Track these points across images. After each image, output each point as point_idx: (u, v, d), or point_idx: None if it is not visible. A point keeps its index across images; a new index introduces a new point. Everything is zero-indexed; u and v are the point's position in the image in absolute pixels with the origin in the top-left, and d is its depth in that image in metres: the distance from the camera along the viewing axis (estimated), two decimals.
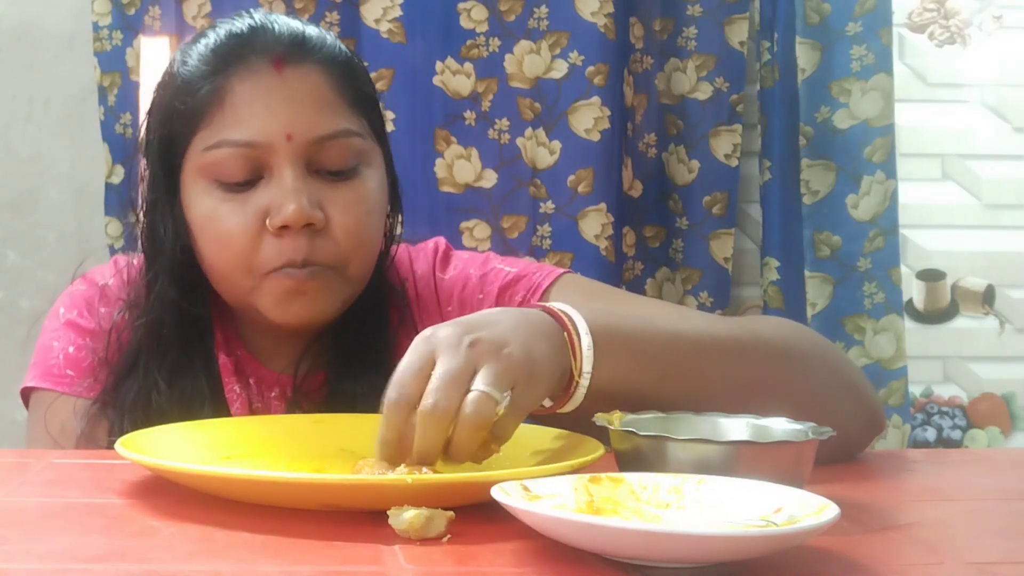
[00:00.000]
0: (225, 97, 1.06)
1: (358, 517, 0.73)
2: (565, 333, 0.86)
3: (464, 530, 0.71)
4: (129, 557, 0.67)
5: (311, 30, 1.12)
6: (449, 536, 0.70)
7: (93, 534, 0.73)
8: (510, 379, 0.80)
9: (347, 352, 1.13)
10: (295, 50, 1.08)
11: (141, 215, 1.14)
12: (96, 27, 1.96)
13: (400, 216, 1.19)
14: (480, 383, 0.79)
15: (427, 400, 0.78)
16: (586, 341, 0.86)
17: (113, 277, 1.18)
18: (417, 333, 1.14)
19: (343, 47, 1.14)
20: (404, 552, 0.67)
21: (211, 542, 0.70)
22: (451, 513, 0.71)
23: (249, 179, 1.06)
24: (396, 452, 0.79)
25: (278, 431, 0.98)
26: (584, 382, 0.86)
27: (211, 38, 1.10)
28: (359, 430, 0.98)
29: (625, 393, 0.89)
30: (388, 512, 0.70)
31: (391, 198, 1.17)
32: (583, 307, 0.88)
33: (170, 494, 0.81)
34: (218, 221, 1.07)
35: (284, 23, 1.11)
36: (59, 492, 0.85)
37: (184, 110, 1.08)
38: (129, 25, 1.96)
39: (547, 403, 0.88)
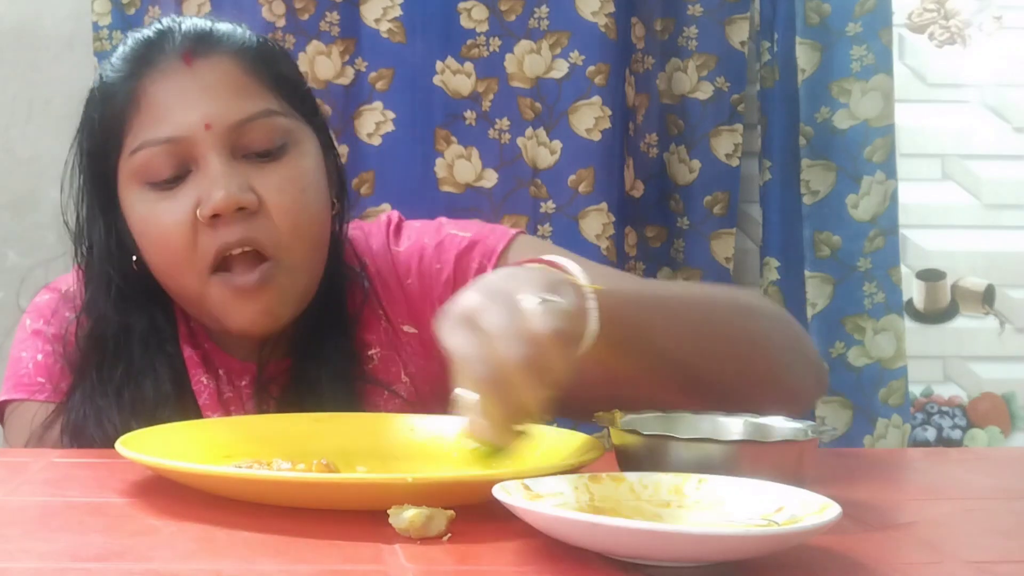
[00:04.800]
0: (141, 100, 1.08)
1: (358, 516, 0.73)
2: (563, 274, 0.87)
3: (465, 529, 0.71)
4: (129, 556, 0.67)
5: (220, 24, 1.13)
6: (450, 535, 0.70)
7: (93, 533, 0.73)
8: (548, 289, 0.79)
9: (311, 337, 1.13)
10: (203, 43, 1.09)
11: (77, 232, 1.14)
12: (96, 27, 1.96)
13: (346, 201, 1.18)
14: (532, 299, 0.76)
15: (508, 357, 0.74)
16: (575, 268, 0.87)
17: (75, 285, 1.17)
18: (382, 310, 1.15)
19: (255, 35, 1.14)
20: (404, 551, 0.67)
21: (211, 541, 0.70)
22: (451, 512, 0.71)
23: (177, 175, 1.07)
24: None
25: (278, 431, 0.98)
26: (592, 296, 0.83)
27: (121, 49, 1.12)
28: (359, 430, 0.98)
29: (627, 339, 0.89)
30: (388, 511, 0.70)
31: (337, 183, 1.17)
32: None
33: (170, 493, 0.81)
34: (154, 222, 1.08)
35: (191, 22, 1.12)
36: (59, 491, 0.85)
37: (105, 120, 1.10)
38: (129, 25, 1.96)
39: None
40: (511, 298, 0.77)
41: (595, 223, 1.98)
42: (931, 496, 0.93)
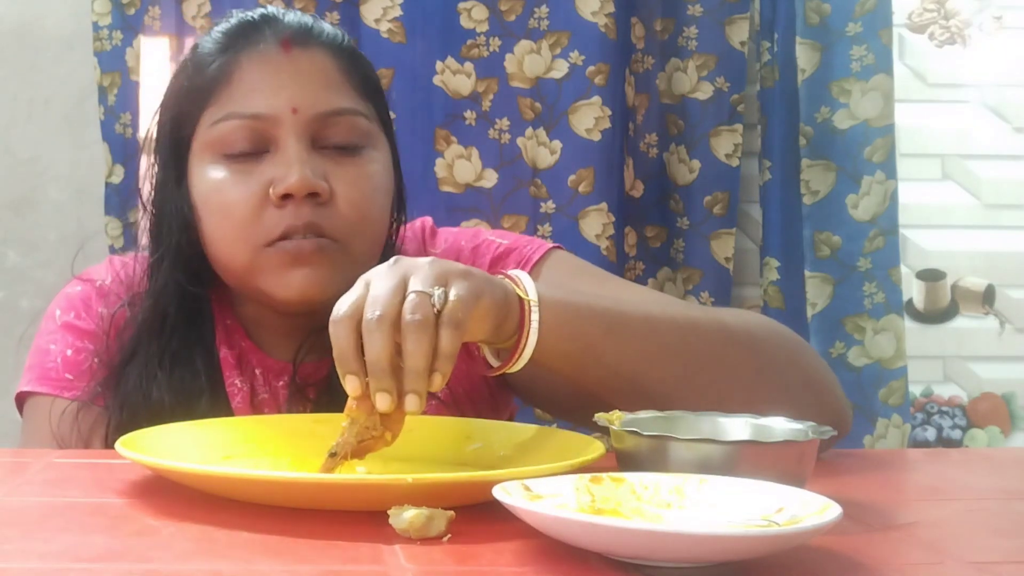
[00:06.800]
0: (233, 73, 1.10)
1: (358, 517, 0.73)
2: (505, 279, 0.89)
3: (465, 529, 0.71)
4: (129, 556, 0.67)
5: (321, 22, 1.16)
6: (449, 536, 0.70)
7: (93, 534, 0.73)
8: (440, 279, 0.82)
9: None
10: (303, 34, 1.12)
11: (149, 201, 1.15)
12: (96, 27, 1.96)
13: (404, 217, 1.20)
14: (411, 287, 0.81)
15: (366, 314, 0.80)
16: (527, 280, 0.89)
17: (109, 276, 1.17)
18: None
19: (350, 39, 1.17)
20: (404, 552, 0.67)
21: (211, 541, 0.70)
22: (451, 512, 0.71)
23: (254, 151, 1.08)
24: (356, 365, 0.81)
25: (278, 431, 0.98)
26: (535, 317, 0.87)
27: (223, 25, 1.14)
28: None
29: (575, 351, 0.91)
30: (388, 512, 0.70)
31: (397, 197, 1.17)
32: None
33: (170, 494, 0.81)
34: (222, 192, 1.09)
35: (295, 15, 1.15)
36: (59, 492, 0.85)
37: (193, 88, 1.11)
38: (129, 25, 1.96)
39: (495, 363, 0.90)
40: (402, 280, 0.82)
41: (595, 223, 1.98)
42: (931, 496, 0.93)
